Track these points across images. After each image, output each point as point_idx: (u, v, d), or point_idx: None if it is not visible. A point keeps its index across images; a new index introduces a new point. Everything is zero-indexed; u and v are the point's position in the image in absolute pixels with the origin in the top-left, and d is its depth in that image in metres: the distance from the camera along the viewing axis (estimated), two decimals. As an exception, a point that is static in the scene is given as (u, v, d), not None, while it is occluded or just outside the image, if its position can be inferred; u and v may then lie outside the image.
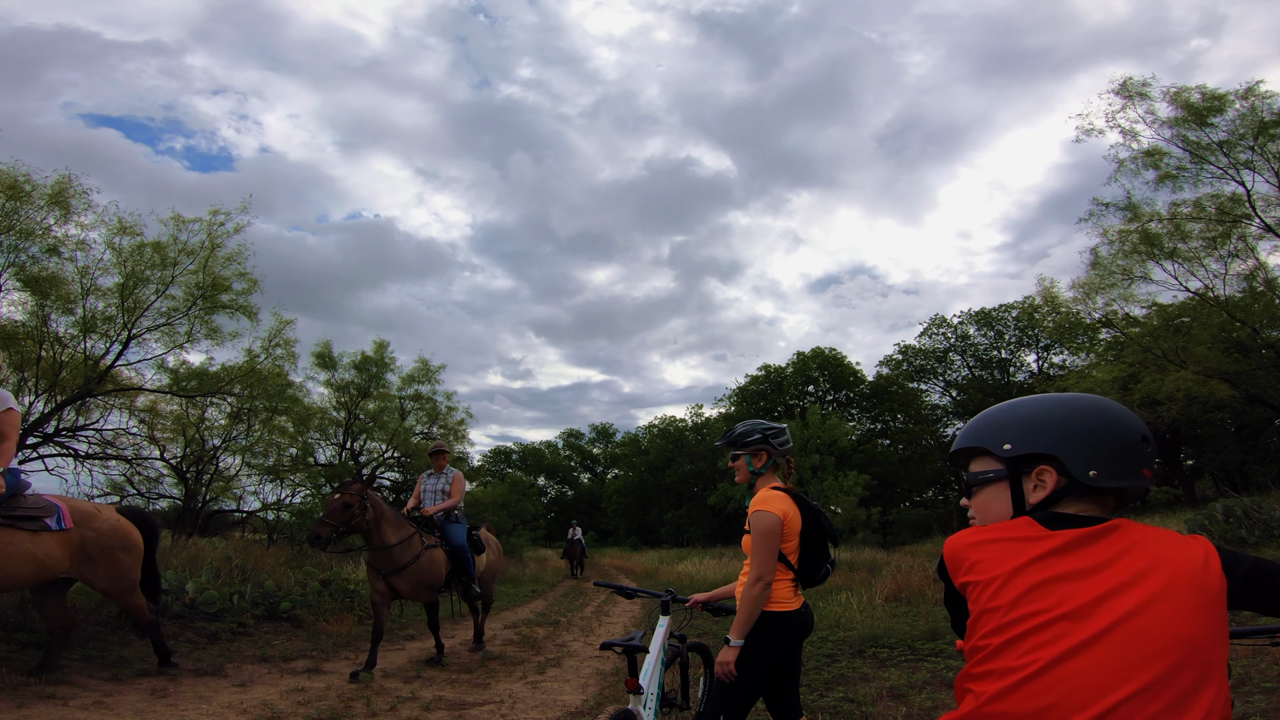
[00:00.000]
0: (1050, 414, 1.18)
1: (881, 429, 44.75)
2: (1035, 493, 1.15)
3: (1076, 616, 0.99)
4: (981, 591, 1.06)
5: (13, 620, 5.47)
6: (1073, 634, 0.97)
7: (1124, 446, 1.14)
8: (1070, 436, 1.14)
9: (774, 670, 2.75)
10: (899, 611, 8.48)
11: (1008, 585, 1.04)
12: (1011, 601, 1.03)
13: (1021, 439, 1.17)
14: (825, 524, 2.89)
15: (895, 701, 4.69)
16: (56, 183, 11.64)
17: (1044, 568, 1.04)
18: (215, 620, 6.91)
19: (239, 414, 16.10)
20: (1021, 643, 0.99)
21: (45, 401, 12.04)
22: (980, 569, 1.08)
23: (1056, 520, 1.10)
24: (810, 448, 30.51)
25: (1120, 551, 1.05)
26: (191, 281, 13.73)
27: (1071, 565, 1.04)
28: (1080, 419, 1.16)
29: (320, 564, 11.19)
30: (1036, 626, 0.99)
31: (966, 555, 1.11)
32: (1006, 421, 1.20)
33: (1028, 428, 1.17)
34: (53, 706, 4.20)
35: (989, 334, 41.32)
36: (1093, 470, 1.12)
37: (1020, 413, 1.20)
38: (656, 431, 50.83)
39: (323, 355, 21.12)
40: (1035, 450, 1.15)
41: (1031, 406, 1.21)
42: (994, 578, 1.06)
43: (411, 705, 4.89)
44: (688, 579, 18.15)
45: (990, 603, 1.05)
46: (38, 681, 4.55)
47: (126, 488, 14.71)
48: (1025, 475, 1.17)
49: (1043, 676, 0.96)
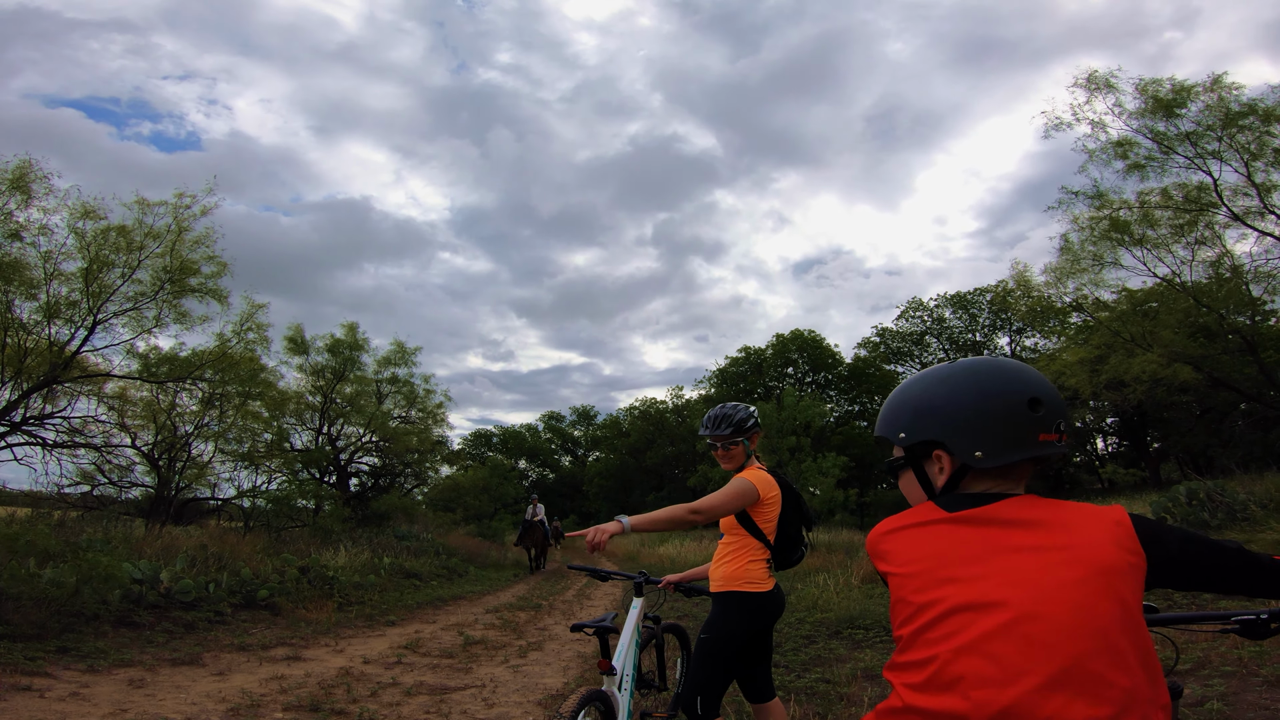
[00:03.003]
0: (934, 395, 1.14)
1: (859, 411, 45.33)
2: (939, 476, 1.12)
3: (977, 605, 0.95)
4: (894, 579, 1.05)
5: None
6: (973, 625, 0.94)
7: (1008, 419, 1.07)
8: (951, 418, 1.10)
9: (748, 650, 2.79)
10: (875, 593, 8.64)
11: (913, 573, 1.02)
12: (916, 589, 1.01)
13: (911, 426, 1.14)
14: (804, 507, 2.92)
15: (869, 682, 4.80)
16: (17, 167, 11.30)
17: (943, 552, 1.02)
18: (191, 609, 6.85)
19: (211, 399, 15.83)
20: (927, 633, 0.97)
21: (11, 389, 11.74)
22: (891, 558, 1.07)
23: (957, 502, 1.07)
24: (786, 429, 30.83)
25: (1023, 531, 1.00)
26: (159, 265, 13.40)
27: (971, 549, 1.01)
28: (960, 396, 1.11)
29: (298, 551, 11.13)
30: (939, 616, 0.97)
31: (879, 544, 1.11)
32: (899, 408, 1.17)
33: (915, 413, 1.14)
34: (29, 698, 4.16)
35: (964, 317, 41.94)
36: (978, 451, 1.07)
37: (909, 396, 1.17)
38: (637, 414, 50.98)
39: (295, 339, 20.77)
40: (923, 438, 1.12)
41: (919, 387, 1.17)
42: (902, 565, 1.04)
43: (393, 691, 4.90)
44: (669, 561, 18.36)
45: (899, 591, 1.03)
46: (12, 673, 4.50)
47: (97, 476, 14.41)
48: (927, 460, 1.14)
49: (948, 669, 0.93)
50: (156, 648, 5.73)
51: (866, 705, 4.27)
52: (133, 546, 8.69)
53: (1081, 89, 15.98)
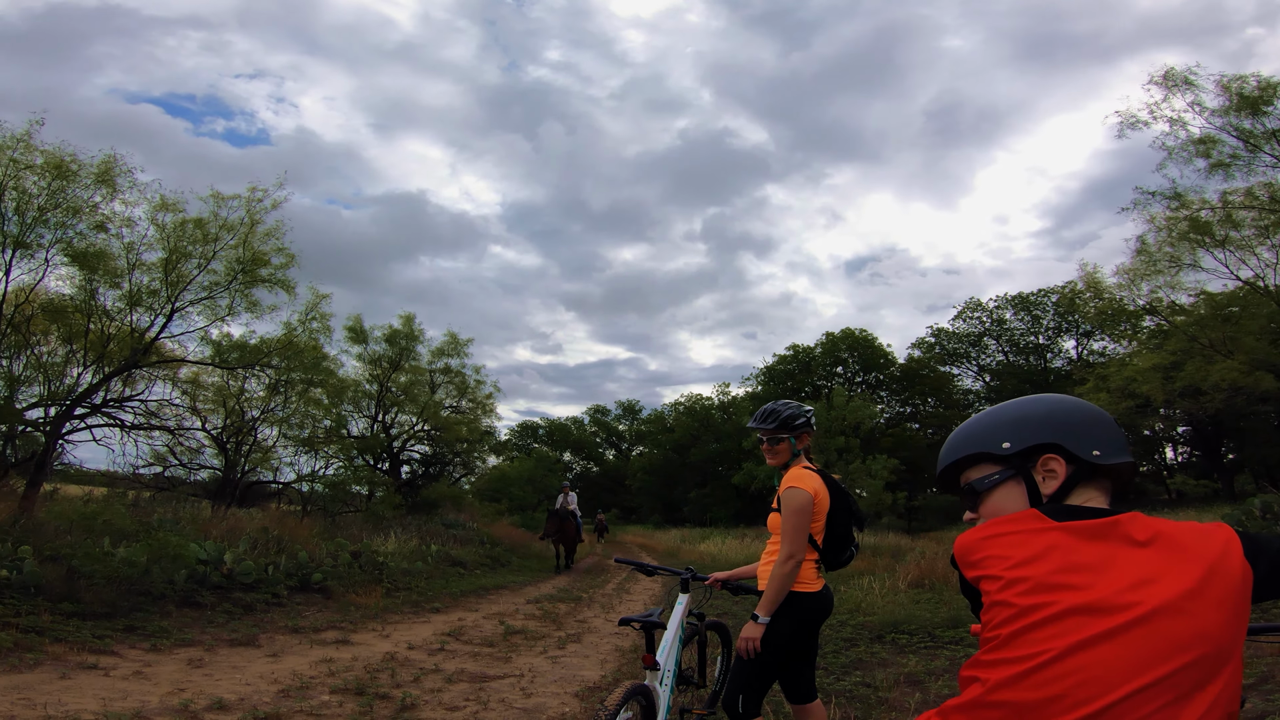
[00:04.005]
0: (1034, 409, 1.19)
1: (911, 412, 44.15)
2: (1047, 484, 1.14)
3: (1092, 610, 0.97)
4: (992, 584, 1.05)
5: (58, 591, 5.74)
6: (1088, 626, 0.96)
7: (1109, 426, 1.16)
8: (1064, 422, 1.15)
9: (793, 651, 2.77)
10: (921, 598, 8.46)
11: (1020, 577, 1.02)
12: (1024, 592, 1.01)
13: (1017, 435, 1.17)
14: (853, 507, 2.89)
15: (912, 688, 4.71)
16: (102, 162, 11.98)
17: (1055, 558, 1.03)
18: (251, 591, 7.21)
19: (276, 386, 16.57)
20: (1033, 633, 0.98)
21: (93, 373, 12.53)
22: (990, 563, 1.07)
23: (1064, 512, 1.09)
24: (835, 430, 30.28)
25: (1140, 544, 1.02)
26: (232, 256, 14.06)
27: (1085, 558, 1.02)
28: (1065, 405, 1.18)
29: (351, 536, 11.56)
30: (1049, 617, 0.97)
31: (975, 550, 1.10)
32: (994, 424, 1.20)
33: (1019, 423, 1.18)
34: (95, 677, 4.41)
35: (1026, 319, 40.32)
36: (1096, 450, 1.13)
37: (1004, 415, 1.21)
38: (683, 409, 50.94)
39: (355, 329, 21.53)
40: (1036, 442, 1.15)
41: (1012, 408, 1.22)
42: (1005, 569, 1.04)
43: (434, 677, 5.04)
44: (710, 558, 18.31)
45: (1000, 595, 1.03)
46: (81, 651, 4.83)
47: (169, 458, 15.31)
48: (1031, 468, 1.16)
49: (1051, 667, 0.94)
50: (216, 628, 6.05)
51: (911, 711, 4.19)
52: (199, 527, 9.21)
53: (1158, 86, 15.25)
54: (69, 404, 11.74)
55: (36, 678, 4.25)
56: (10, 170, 10.60)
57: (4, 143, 10.56)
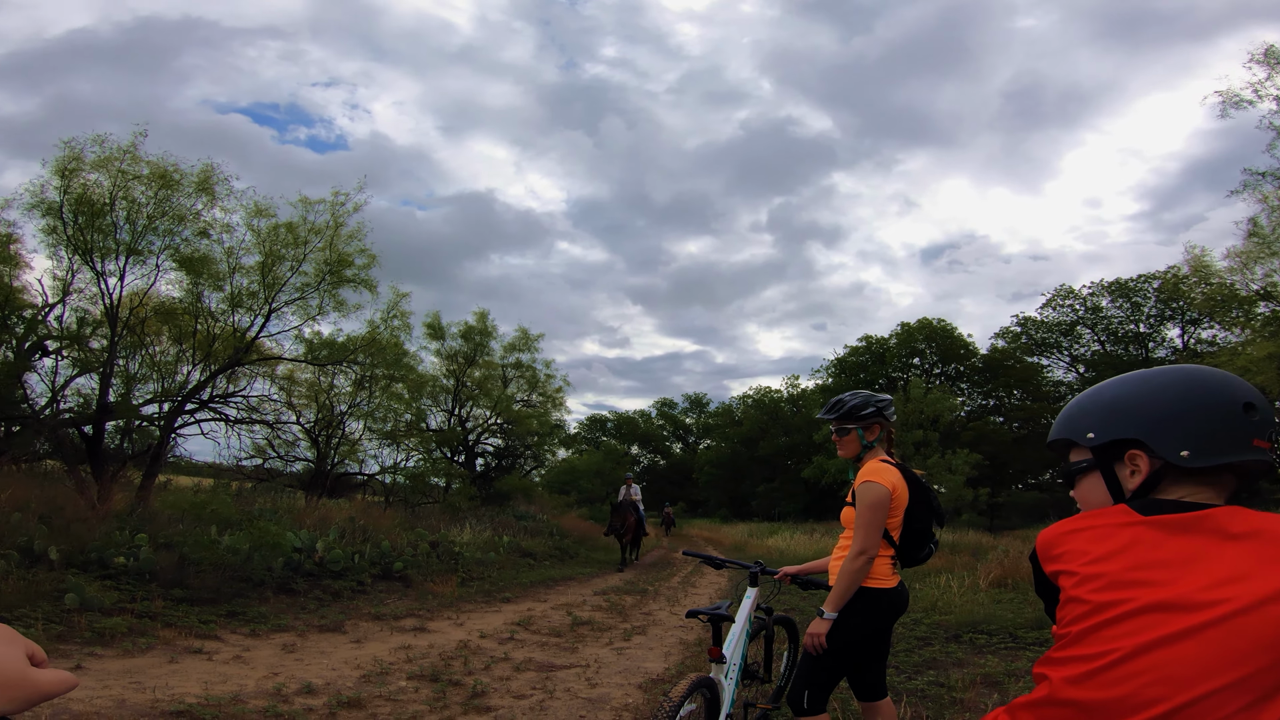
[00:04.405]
0: (1131, 394, 1.10)
1: (995, 405, 42.07)
2: (1132, 479, 1.08)
3: (1170, 607, 0.93)
4: (1069, 579, 1.02)
5: (170, 577, 6.24)
6: (1163, 625, 0.92)
7: (1220, 419, 1.03)
8: (1155, 415, 1.06)
9: (864, 647, 2.71)
10: (1003, 598, 8.17)
11: (1097, 573, 0.99)
12: (1098, 588, 0.98)
13: (1103, 425, 1.10)
14: (933, 502, 2.80)
15: (989, 689, 4.58)
16: (201, 171, 12.88)
17: (1136, 554, 0.99)
18: (339, 578, 7.73)
19: (362, 381, 17.52)
20: (1105, 630, 0.95)
21: (201, 371, 13.63)
22: (1069, 558, 1.04)
23: (1154, 506, 1.04)
24: (912, 423, 29.25)
25: (1230, 540, 0.96)
26: (320, 258, 14.89)
27: (1168, 553, 0.98)
28: (1164, 395, 1.07)
29: (429, 526, 12.13)
30: (1123, 614, 0.94)
31: (1056, 544, 1.07)
32: (1089, 407, 1.14)
33: (1109, 412, 1.10)
34: (199, 661, 4.79)
35: (1125, 306, 37.56)
36: (1185, 450, 1.03)
37: (1102, 397, 1.13)
38: (751, 402, 50.39)
39: (433, 325, 22.44)
40: (1118, 436, 1.08)
41: (1113, 389, 1.13)
42: (1083, 565, 1.01)
43: (504, 665, 5.26)
44: (777, 553, 18.11)
45: (1075, 590, 1.00)
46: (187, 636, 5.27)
47: (268, 450, 16.50)
48: (1118, 462, 1.10)
49: (1122, 665, 0.91)
50: (308, 614, 6.50)
51: (987, 710, 4.09)
52: (295, 517, 9.91)
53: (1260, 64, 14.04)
54: (180, 400, 12.79)
55: (147, 661, 4.63)
56: (119, 181, 11.35)
57: (112, 154, 11.29)
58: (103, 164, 11.32)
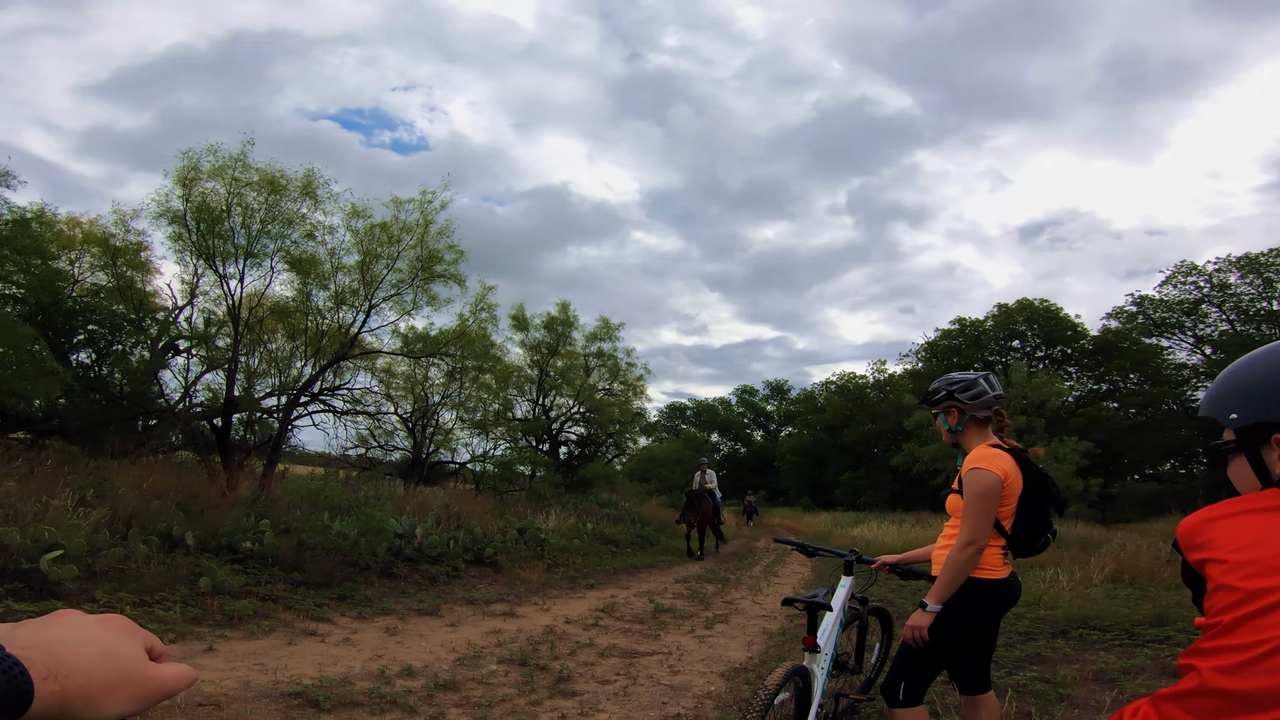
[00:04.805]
0: (1275, 373, 1.02)
1: (1108, 390, 38.99)
2: (1279, 464, 1.01)
3: None
4: (1216, 567, 0.98)
5: (290, 561, 6.71)
6: None
7: None
8: None
9: (968, 641, 2.61)
10: (1118, 593, 7.77)
11: (1247, 560, 0.95)
12: (1248, 575, 0.94)
13: (1246, 407, 1.03)
14: (1051, 489, 2.62)
15: (1101, 686, 4.38)
16: (304, 176, 13.77)
17: None
18: (435, 563, 8.20)
19: (453, 373, 18.39)
20: (1259, 619, 0.91)
21: (311, 365, 14.73)
22: (1214, 545, 1.00)
23: None
24: (1015, 408, 27.60)
25: None
26: (412, 255, 15.68)
27: None
28: None
29: (517, 513, 12.63)
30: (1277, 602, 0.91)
31: (1199, 532, 1.03)
32: (1236, 385, 1.07)
33: (1249, 392, 1.03)
34: (313, 643, 5.14)
35: (1256, 283, 33.74)
36: None
37: (1243, 374, 1.06)
38: (834, 389, 48.96)
39: (518, 317, 23.19)
40: (1261, 419, 1.02)
41: (1258, 363, 1.06)
42: (1232, 552, 0.97)
43: (588, 651, 5.45)
44: (863, 543, 17.65)
45: (1225, 578, 0.96)
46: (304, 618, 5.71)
47: (370, 440, 17.67)
48: (1264, 445, 1.03)
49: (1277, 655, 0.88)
50: (408, 598, 6.91)
51: (1105, 709, 3.90)
52: (395, 504, 10.60)
53: None
54: (295, 393, 13.88)
55: (269, 643, 5.00)
56: (234, 188, 12.25)
57: (225, 163, 12.15)
58: (218, 172, 12.21)
